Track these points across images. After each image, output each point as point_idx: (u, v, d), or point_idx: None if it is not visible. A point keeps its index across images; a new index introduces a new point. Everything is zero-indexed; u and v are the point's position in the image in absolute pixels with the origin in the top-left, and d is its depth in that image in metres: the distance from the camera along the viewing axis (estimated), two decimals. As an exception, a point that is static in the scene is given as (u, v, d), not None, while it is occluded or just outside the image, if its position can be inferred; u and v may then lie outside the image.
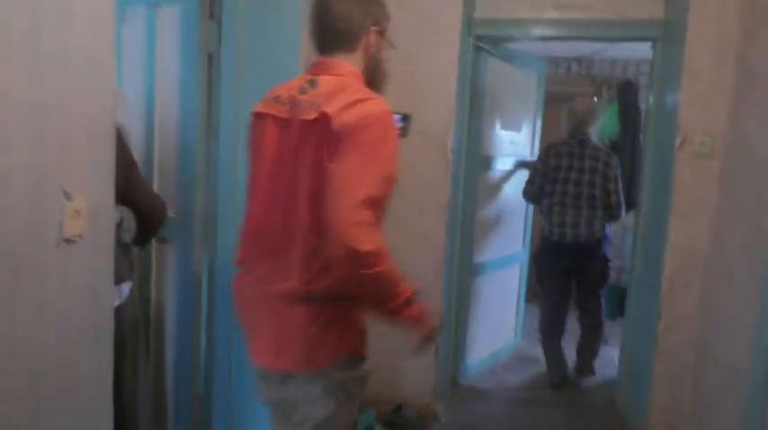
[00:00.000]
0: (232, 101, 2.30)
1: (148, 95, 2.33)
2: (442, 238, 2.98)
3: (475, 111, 3.16)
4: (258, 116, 1.49)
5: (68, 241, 1.36)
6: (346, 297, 1.33)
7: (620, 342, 3.33)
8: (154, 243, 2.37)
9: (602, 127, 4.71)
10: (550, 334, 3.59)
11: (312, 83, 1.41)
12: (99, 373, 1.52)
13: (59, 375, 1.39)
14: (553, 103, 4.85)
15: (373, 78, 1.50)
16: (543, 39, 3.03)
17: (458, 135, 3.01)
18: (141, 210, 1.98)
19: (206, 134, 2.28)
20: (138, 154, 2.33)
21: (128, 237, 1.93)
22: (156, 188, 2.36)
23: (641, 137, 4.81)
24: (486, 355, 3.71)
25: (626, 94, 4.96)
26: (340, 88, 1.35)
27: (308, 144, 1.33)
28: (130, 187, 1.89)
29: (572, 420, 3.07)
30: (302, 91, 1.39)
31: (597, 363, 3.69)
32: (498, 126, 3.60)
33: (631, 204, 4.49)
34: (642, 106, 4.94)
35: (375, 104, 1.32)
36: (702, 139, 2.62)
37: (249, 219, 1.48)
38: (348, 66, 1.45)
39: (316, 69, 1.46)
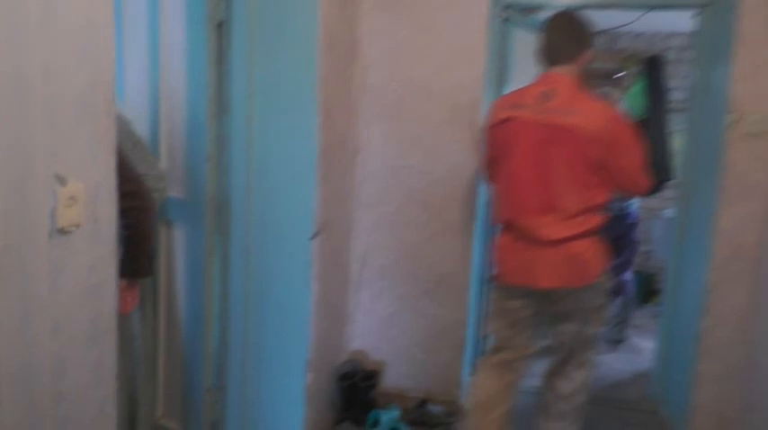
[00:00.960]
0: (244, 73, 2.11)
1: (152, 68, 2.15)
2: (470, 224, 2.77)
3: (503, 86, 2.94)
4: (506, 119, 2.05)
5: (62, 232, 1.18)
6: (598, 232, 2.05)
7: (657, 335, 3.13)
8: (161, 226, 2.21)
9: (628, 104, 4.50)
10: None
11: (547, 93, 2.00)
12: (99, 378, 1.36)
13: (53, 382, 1.22)
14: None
15: (584, 85, 2.06)
16: (577, 9, 2.79)
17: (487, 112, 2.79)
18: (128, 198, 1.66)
19: (217, 109, 2.10)
20: (143, 131, 2.16)
21: None
22: (163, 168, 2.19)
23: (670, 114, 4.59)
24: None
25: (653, 70, 4.71)
26: (573, 97, 1.99)
27: (561, 140, 1.95)
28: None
29: (607, 417, 2.89)
30: (542, 100, 1.99)
31: (627, 357, 3.84)
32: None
33: (658, 186, 4.32)
34: (670, 82, 4.72)
35: (605, 106, 2.01)
36: (756, 117, 2.41)
37: (513, 191, 2.06)
38: (569, 77, 2.03)
39: (546, 81, 2.05)
